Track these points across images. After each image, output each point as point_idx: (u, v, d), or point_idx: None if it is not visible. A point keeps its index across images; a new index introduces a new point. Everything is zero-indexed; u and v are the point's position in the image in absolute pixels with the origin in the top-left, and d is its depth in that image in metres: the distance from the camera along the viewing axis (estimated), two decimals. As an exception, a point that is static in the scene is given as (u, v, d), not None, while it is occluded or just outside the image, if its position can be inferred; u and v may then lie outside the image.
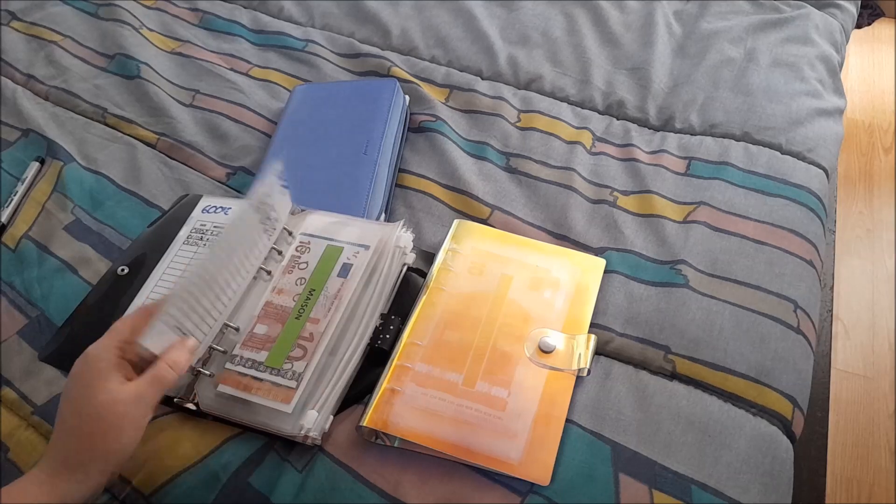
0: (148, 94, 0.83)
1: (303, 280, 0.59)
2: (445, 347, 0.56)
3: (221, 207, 0.66)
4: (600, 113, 0.80)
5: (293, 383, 0.52)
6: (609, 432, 0.52)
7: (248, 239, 0.56)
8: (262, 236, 0.58)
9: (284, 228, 0.62)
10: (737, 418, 0.53)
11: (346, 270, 0.58)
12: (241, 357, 0.54)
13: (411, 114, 0.79)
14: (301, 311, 0.56)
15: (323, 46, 0.90)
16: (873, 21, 1.84)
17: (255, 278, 0.59)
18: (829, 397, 1.10)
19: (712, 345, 0.57)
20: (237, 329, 0.56)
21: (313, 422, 0.50)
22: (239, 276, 0.56)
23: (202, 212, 0.66)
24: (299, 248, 0.61)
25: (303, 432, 0.50)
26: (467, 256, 0.63)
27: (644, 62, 0.84)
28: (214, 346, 0.55)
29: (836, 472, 1.04)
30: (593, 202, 0.69)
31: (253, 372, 0.53)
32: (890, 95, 1.65)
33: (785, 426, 0.54)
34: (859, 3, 0.99)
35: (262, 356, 0.54)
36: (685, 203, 0.68)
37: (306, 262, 0.60)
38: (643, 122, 0.79)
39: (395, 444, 0.51)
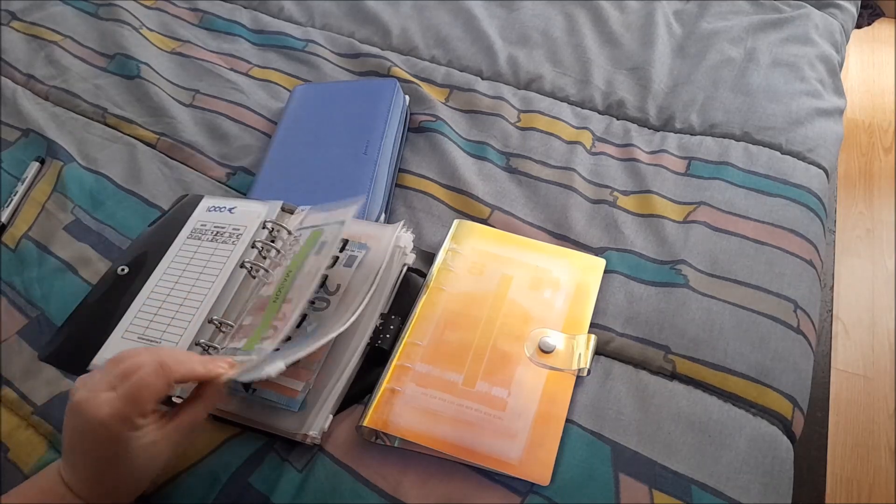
0: (148, 94, 0.83)
1: (287, 268, 0.59)
2: (445, 347, 0.56)
3: (225, 207, 0.66)
4: (600, 113, 0.80)
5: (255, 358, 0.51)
6: (609, 432, 0.52)
7: (186, 252, 0.62)
8: (203, 243, 0.62)
9: (283, 227, 0.63)
10: (737, 418, 0.53)
11: (321, 247, 0.58)
12: (227, 348, 0.54)
13: (411, 114, 0.79)
14: (278, 294, 0.56)
15: (323, 46, 0.90)
16: (873, 21, 1.84)
17: (254, 277, 0.60)
18: (829, 397, 1.11)
19: (712, 345, 0.57)
20: (232, 326, 0.56)
21: (272, 367, 0.47)
22: (200, 281, 0.59)
23: (206, 211, 0.66)
24: (290, 243, 0.61)
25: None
26: (467, 256, 0.63)
27: (644, 62, 0.84)
28: (211, 343, 0.55)
29: (836, 472, 1.05)
30: (593, 202, 0.69)
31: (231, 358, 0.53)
32: (890, 95, 1.66)
33: (785, 426, 0.54)
34: (859, 3, 0.99)
35: (241, 343, 0.54)
36: (685, 203, 0.68)
37: (294, 252, 0.60)
38: (643, 122, 0.79)
39: (396, 444, 0.51)
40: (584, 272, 0.62)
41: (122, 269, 0.63)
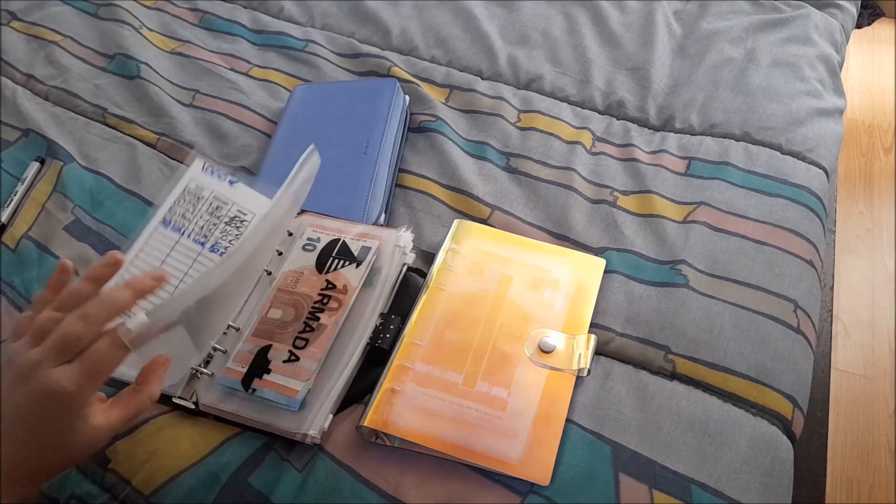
0: (148, 94, 0.83)
1: None
2: (445, 347, 0.56)
3: (225, 175, 0.62)
4: (600, 113, 0.80)
5: None
6: (609, 432, 0.52)
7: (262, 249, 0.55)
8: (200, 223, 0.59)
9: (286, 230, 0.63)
10: (737, 418, 0.53)
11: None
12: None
13: (411, 114, 0.79)
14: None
15: (323, 46, 0.90)
16: (873, 21, 1.85)
17: (269, 273, 0.60)
18: (829, 397, 1.10)
19: (712, 345, 0.57)
20: (238, 329, 0.56)
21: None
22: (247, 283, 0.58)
23: (201, 171, 0.61)
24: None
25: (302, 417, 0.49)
26: (467, 256, 0.63)
27: (644, 62, 0.84)
28: (216, 345, 0.55)
29: (836, 472, 1.05)
30: (593, 202, 0.69)
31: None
32: (890, 95, 1.66)
33: (785, 426, 0.54)
34: (859, 3, 0.99)
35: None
36: (685, 203, 0.68)
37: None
38: (643, 122, 0.79)
39: (396, 444, 0.51)
40: (584, 272, 0.62)
41: (122, 269, 0.63)
